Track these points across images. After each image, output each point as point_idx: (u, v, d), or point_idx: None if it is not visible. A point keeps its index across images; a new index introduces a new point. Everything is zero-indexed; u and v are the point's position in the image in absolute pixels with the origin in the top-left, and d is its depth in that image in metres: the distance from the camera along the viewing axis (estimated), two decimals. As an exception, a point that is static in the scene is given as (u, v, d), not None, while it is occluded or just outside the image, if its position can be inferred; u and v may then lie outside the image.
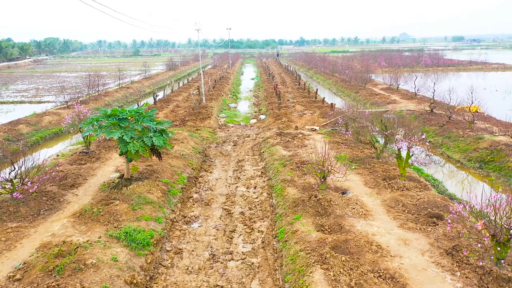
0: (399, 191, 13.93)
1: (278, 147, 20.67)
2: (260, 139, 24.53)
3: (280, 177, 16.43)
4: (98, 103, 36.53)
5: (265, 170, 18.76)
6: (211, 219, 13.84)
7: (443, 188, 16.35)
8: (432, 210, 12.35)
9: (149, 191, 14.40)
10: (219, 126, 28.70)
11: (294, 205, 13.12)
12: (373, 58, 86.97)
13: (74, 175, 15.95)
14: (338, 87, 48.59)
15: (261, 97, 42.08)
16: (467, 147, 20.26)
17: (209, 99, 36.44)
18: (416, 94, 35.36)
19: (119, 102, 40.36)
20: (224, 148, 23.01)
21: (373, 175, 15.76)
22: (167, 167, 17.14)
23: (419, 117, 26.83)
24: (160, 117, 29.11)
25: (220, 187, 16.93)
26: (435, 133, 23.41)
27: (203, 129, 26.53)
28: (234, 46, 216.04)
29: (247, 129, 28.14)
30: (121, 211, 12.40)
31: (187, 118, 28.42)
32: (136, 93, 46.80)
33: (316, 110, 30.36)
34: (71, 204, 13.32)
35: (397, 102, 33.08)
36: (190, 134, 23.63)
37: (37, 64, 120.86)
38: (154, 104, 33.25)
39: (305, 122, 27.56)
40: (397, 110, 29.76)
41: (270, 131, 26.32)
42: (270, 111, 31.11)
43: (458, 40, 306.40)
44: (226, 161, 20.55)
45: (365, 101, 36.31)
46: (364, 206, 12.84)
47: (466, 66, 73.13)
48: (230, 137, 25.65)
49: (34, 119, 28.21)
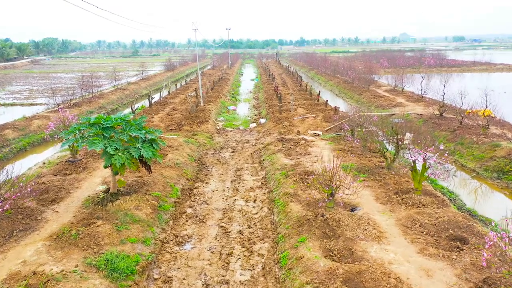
0: (414, 208, 12.54)
1: (279, 154, 19.28)
2: (260, 145, 23.15)
3: (282, 189, 15.04)
4: (91, 106, 35.14)
5: (265, 180, 17.37)
6: (205, 239, 12.44)
7: (461, 202, 14.95)
8: (454, 231, 10.96)
9: (138, 207, 13.00)
10: (217, 131, 27.31)
11: (298, 225, 11.72)
12: (375, 59, 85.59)
13: (57, 188, 14.55)
14: (340, 89, 47.21)
15: (261, 99, 40.70)
16: (483, 155, 18.86)
17: (207, 101, 35.06)
18: (423, 97, 33.96)
19: (114, 104, 38.97)
20: (221, 155, 21.62)
21: (384, 188, 14.36)
22: (159, 178, 15.75)
23: (428, 121, 25.44)
24: (156, 121, 27.75)
25: (216, 200, 15.53)
26: (446, 139, 22.01)
27: (200, 134, 25.15)
28: (234, 46, 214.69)
29: (246, 133, 26.74)
30: (103, 233, 10.99)
31: (184, 122, 27.02)
32: (133, 94, 45.42)
33: (319, 113, 28.97)
34: (50, 224, 11.92)
35: (403, 105, 31.68)
36: (185, 140, 22.23)
37: (34, 65, 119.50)
38: (149, 106, 31.86)
39: (308, 127, 26.18)
40: (404, 114, 28.34)
41: (271, 136, 24.95)
42: (271, 114, 29.73)
43: (459, 40, 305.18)
44: (224, 170, 19.16)
45: (369, 104, 34.91)
46: (377, 226, 11.44)
47: (470, 67, 71.75)
48: (229, 143, 24.26)
49: (23, 123, 26.81)
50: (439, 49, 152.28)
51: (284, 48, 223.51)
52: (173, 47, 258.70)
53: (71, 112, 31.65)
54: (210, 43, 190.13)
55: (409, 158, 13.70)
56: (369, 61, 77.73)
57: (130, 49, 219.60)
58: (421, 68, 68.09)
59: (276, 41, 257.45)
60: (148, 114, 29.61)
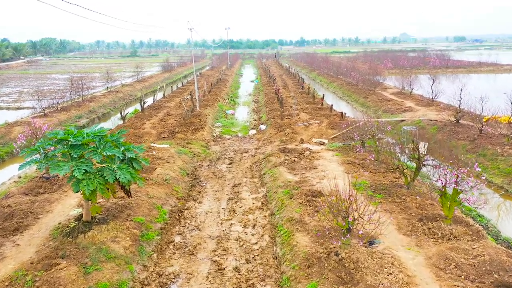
0: (445, 242, 10.46)
1: (281, 169, 17.20)
2: (261, 155, 21.08)
3: (285, 213, 12.98)
4: (81, 110, 33.05)
5: (266, 199, 15.30)
6: (195, 279, 10.37)
7: (495, 229, 12.87)
8: (499, 275, 8.90)
9: (115, 238, 10.93)
10: (213, 138, 25.22)
11: (307, 265, 9.65)
12: (377, 59, 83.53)
13: (23, 213, 12.48)
14: (344, 91, 45.11)
15: (261, 102, 38.63)
16: (510, 169, 16.78)
17: (204, 105, 32.97)
18: (433, 100, 31.87)
19: (105, 108, 36.87)
20: (218, 168, 19.54)
21: (405, 213, 12.28)
22: (143, 199, 13.67)
23: (443, 128, 23.37)
24: (147, 127, 25.66)
25: (210, 225, 13.45)
26: (465, 150, 19.93)
27: (194, 143, 23.07)
28: (233, 46, 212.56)
29: (245, 142, 24.66)
30: (66, 278, 8.92)
31: (177, 129, 24.93)
32: (126, 97, 43.34)
33: (323, 119, 26.89)
34: (5, 262, 9.85)
35: (413, 110, 29.58)
36: (178, 151, 20.14)
37: (30, 65, 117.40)
38: (141, 111, 29.76)
39: (312, 134, 24.11)
40: (415, 120, 26.28)
41: (272, 144, 22.90)
42: (272, 120, 27.64)
43: (460, 40, 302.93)
44: (220, 186, 17.08)
45: (376, 108, 32.83)
46: (404, 268, 9.36)
47: (477, 68, 69.63)
48: (226, 153, 22.18)
49: (3, 130, 24.76)
50: (441, 49, 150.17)
51: (284, 48, 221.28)
52: (172, 47, 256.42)
53: (59, 117, 29.72)
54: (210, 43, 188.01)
55: (436, 181, 11.59)
56: (372, 61, 75.73)
57: (129, 50, 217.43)
58: (426, 69, 66.04)
59: (276, 41, 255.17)
60: (140, 120, 27.55)
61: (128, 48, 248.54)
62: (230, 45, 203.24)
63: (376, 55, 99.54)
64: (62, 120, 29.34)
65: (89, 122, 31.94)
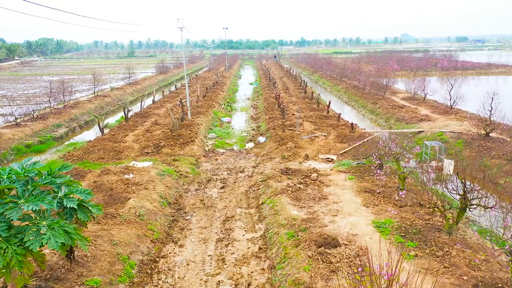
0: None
1: (284, 199, 13.99)
2: (259, 175, 17.88)
3: (290, 270, 9.79)
4: (60, 118, 29.83)
5: (265, 241, 12.12)
6: None
7: None
8: None
9: (51, 320, 7.72)
10: (205, 153, 22.00)
11: None
12: (382, 60, 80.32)
13: None
14: (349, 95, 41.90)
15: (260, 108, 35.44)
16: None
17: (197, 113, 29.77)
18: (452, 108, 28.66)
19: (90, 114, 33.66)
20: (207, 193, 16.33)
21: (453, 276, 9.05)
22: (104, 249, 10.46)
23: (471, 143, 20.15)
24: (129, 141, 22.45)
25: (191, 283, 10.24)
26: (503, 171, 16.71)
27: (182, 160, 19.89)
28: (233, 47, 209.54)
29: (241, 157, 21.46)
30: None
31: (163, 142, 21.72)
32: (115, 102, 40.12)
33: (331, 130, 23.70)
34: None
35: (431, 119, 26.34)
36: (159, 172, 16.91)
37: (24, 66, 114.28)
38: (125, 121, 26.52)
39: (318, 149, 20.93)
40: (436, 132, 23.07)
41: (272, 161, 19.74)
42: (272, 131, 24.43)
43: (462, 40, 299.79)
44: (208, 219, 13.89)
45: (388, 116, 29.61)
46: None
47: (487, 70, 66.40)
48: (218, 172, 18.98)
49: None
50: (443, 49, 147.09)
51: (285, 48, 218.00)
52: (171, 47, 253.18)
53: (33, 127, 26.41)
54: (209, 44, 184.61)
55: (498, 232, 8.38)
56: (377, 63, 72.56)
57: (127, 50, 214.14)
58: (434, 71, 62.90)
59: (276, 42, 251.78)
60: (123, 131, 24.35)
61: (126, 48, 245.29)
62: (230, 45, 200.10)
63: (380, 56, 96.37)
64: (36, 130, 26.14)
65: (69, 131, 28.73)
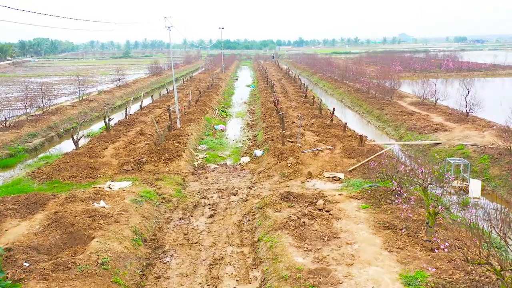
0: None
1: (285, 238, 11.32)
2: (255, 200, 15.20)
3: None
4: (37, 126, 27.06)
5: (261, 299, 9.46)
6: None
7: None
8: None
9: None
10: (193, 170, 19.31)
11: None
12: (383, 61, 77.80)
13: None
14: (353, 99, 39.29)
15: (257, 114, 32.80)
16: None
17: (187, 120, 27.08)
18: (468, 115, 26.06)
19: (71, 121, 30.91)
20: (193, 224, 13.65)
21: None
22: (44, 323, 7.77)
23: (499, 159, 17.52)
24: (107, 155, 19.72)
25: None
26: (543, 196, 14.11)
27: (166, 179, 17.22)
28: (230, 47, 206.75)
29: (235, 174, 18.77)
30: None
31: (146, 157, 19.02)
32: (101, 107, 37.34)
33: (336, 142, 21.06)
34: None
35: (447, 128, 23.67)
36: (135, 199, 14.20)
37: (15, 67, 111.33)
38: (107, 131, 23.76)
39: (323, 165, 18.32)
40: (455, 144, 20.43)
41: (270, 180, 17.12)
42: (270, 143, 21.76)
43: (460, 40, 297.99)
44: (191, 263, 11.21)
45: (397, 124, 26.98)
46: None
47: (494, 71, 63.94)
48: (208, 194, 16.30)
49: None
50: (443, 49, 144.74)
51: (283, 48, 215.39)
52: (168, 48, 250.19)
53: (3, 137, 23.63)
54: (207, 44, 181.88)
55: None
56: (378, 63, 70.05)
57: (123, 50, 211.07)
58: (439, 72, 60.39)
59: (274, 42, 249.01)
60: (102, 143, 21.64)
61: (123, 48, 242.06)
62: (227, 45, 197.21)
63: (380, 56, 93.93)
64: (7, 141, 23.39)
65: (45, 141, 25.97)
